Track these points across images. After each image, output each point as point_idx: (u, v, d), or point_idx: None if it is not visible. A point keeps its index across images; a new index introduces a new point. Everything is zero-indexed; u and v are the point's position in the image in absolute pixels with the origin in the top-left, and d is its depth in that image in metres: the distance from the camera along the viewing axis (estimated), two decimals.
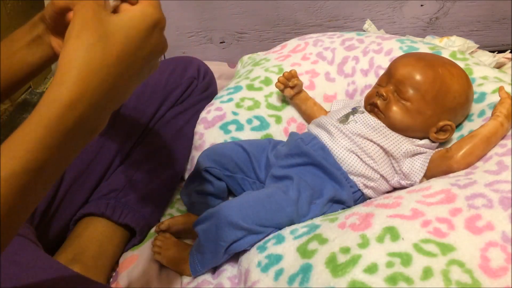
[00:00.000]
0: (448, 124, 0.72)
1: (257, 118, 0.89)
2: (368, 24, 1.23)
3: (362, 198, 0.73)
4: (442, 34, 1.29)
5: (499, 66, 1.09)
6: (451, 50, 0.90)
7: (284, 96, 0.91)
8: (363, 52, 0.95)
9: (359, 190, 0.72)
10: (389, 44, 0.94)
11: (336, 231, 0.59)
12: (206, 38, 1.34)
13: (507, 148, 0.64)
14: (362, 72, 0.94)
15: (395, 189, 0.73)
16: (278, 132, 0.88)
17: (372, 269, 0.51)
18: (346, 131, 0.73)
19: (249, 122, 0.88)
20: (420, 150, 0.72)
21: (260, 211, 0.65)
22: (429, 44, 0.95)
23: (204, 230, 0.66)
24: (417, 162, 0.71)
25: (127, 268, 0.72)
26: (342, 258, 0.54)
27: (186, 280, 0.71)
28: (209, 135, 0.87)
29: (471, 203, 0.57)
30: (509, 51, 1.12)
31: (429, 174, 0.69)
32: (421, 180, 0.70)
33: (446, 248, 0.52)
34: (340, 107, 0.83)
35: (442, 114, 0.72)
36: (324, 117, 0.79)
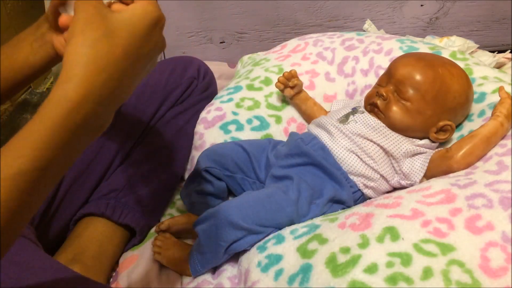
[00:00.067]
0: (448, 124, 0.72)
1: (257, 118, 0.89)
2: (368, 24, 1.23)
3: (362, 198, 0.73)
4: (442, 34, 1.29)
5: (499, 66, 1.09)
6: (451, 50, 0.90)
7: (284, 96, 0.91)
8: (363, 52, 0.95)
9: (359, 190, 0.72)
10: (389, 44, 0.94)
11: (336, 231, 0.59)
12: (206, 38, 1.34)
13: (507, 148, 0.64)
14: (362, 72, 0.94)
15: (395, 189, 0.73)
16: (278, 132, 0.88)
17: (372, 269, 0.51)
18: (346, 131, 0.73)
19: (249, 122, 0.88)
20: (420, 150, 0.72)
21: (260, 211, 0.65)
22: (429, 44, 0.95)
23: (204, 230, 0.66)
24: (417, 162, 0.71)
25: (127, 268, 0.72)
26: (342, 258, 0.54)
27: (186, 280, 0.71)
28: (209, 135, 0.87)
29: (471, 203, 0.57)
30: (509, 51, 1.12)
31: (429, 174, 0.69)
32: (421, 180, 0.70)
33: (446, 248, 0.52)
34: (340, 107, 0.83)
35: (442, 114, 0.72)
36: (324, 117, 0.79)
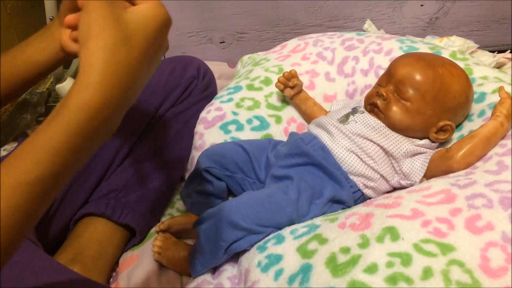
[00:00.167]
0: (448, 124, 0.72)
1: (257, 118, 0.89)
2: (368, 24, 1.23)
3: (362, 198, 0.73)
4: (442, 34, 1.29)
5: (499, 66, 1.09)
6: (451, 50, 0.90)
7: (284, 96, 0.91)
8: (363, 52, 0.95)
9: (359, 190, 0.72)
10: (389, 44, 0.94)
11: (336, 231, 0.59)
12: (206, 38, 1.34)
13: (507, 148, 0.64)
14: (362, 72, 0.94)
15: (395, 189, 0.73)
16: (278, 132, 0.88)
17: (372, 269, 0.51)
18: (346, 131, 0.73)
19: (249, 122, 0.88)
20: (420, 150, 0.72)
21: (260, 211, 0.65)
22: (429, 44, 0.94)
23: (204, 230, 0.66)
24: (417, 162, 0.71)
25: (127, 268, 0.72)
26: (342, 258, 0.54)
27: (186, 280, 0.71)
28: (209, 135, 0.87)
29: (471, 203, 0.57)
30: (509, 51, 1.12)
31: (429, 174, 0.69)
32: (421, 180, 0.70)
33: (446, 248, 0.52)
34: (340, 107, 0.83)
35: (442, 114, 0.72)
36: (324, 117, 0.79)
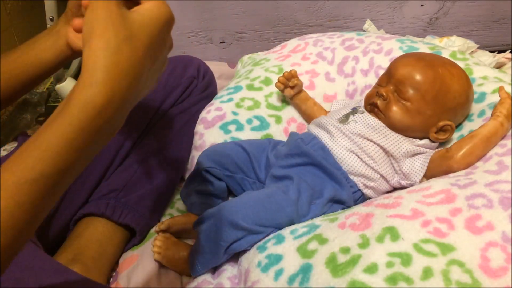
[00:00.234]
0: (448, 124, 0.72)
1: (257, 118, 0.89)
2: (368, 24, 1.23)
3: (362, 198, 0.73)
4: (442, 34, 1.29)
5: (499, 66, 1.09)
6: (451, 50, 0.90)
7: (284, 96, 0.91)
8: (363, 52, 0.95)
9: (359, 190, 0.72)
10: (389, 44, 0.94)
11: (336, 231, 0.59)
12: (206, 38, 1.34)
13: (507, 148, 0.64)
14: (362, 72, 0.94)
15: (395, 189, 0.73)
16: (278, 132, 0.88)
17: (372, 269, 0.51)
18: (346, 131, 0.73)
19: (249, 122, 0.88)
20: (420, 150, 0.72)
21: (260, 211, 0.65)
22: (429, 44, 0.94)
23: (204, 230, 0.66)
24: (417, 162, 0.71)
25: (127, 268, 0.72)
26: (342, 258, 0.54)
27: (186, 280, 0.71)
28: (209, 135, 0.87)
29: (471, 203, 0.57)
30: (509, 51, 1.12)
31: (429, 174, 0.69)
32: (421, 180, 0.70)
33: (446, 248, 0.52)
34: (340, 107, 0.83)
35: (442, 114, 0.72)
36: (324, 117, 0.79)
